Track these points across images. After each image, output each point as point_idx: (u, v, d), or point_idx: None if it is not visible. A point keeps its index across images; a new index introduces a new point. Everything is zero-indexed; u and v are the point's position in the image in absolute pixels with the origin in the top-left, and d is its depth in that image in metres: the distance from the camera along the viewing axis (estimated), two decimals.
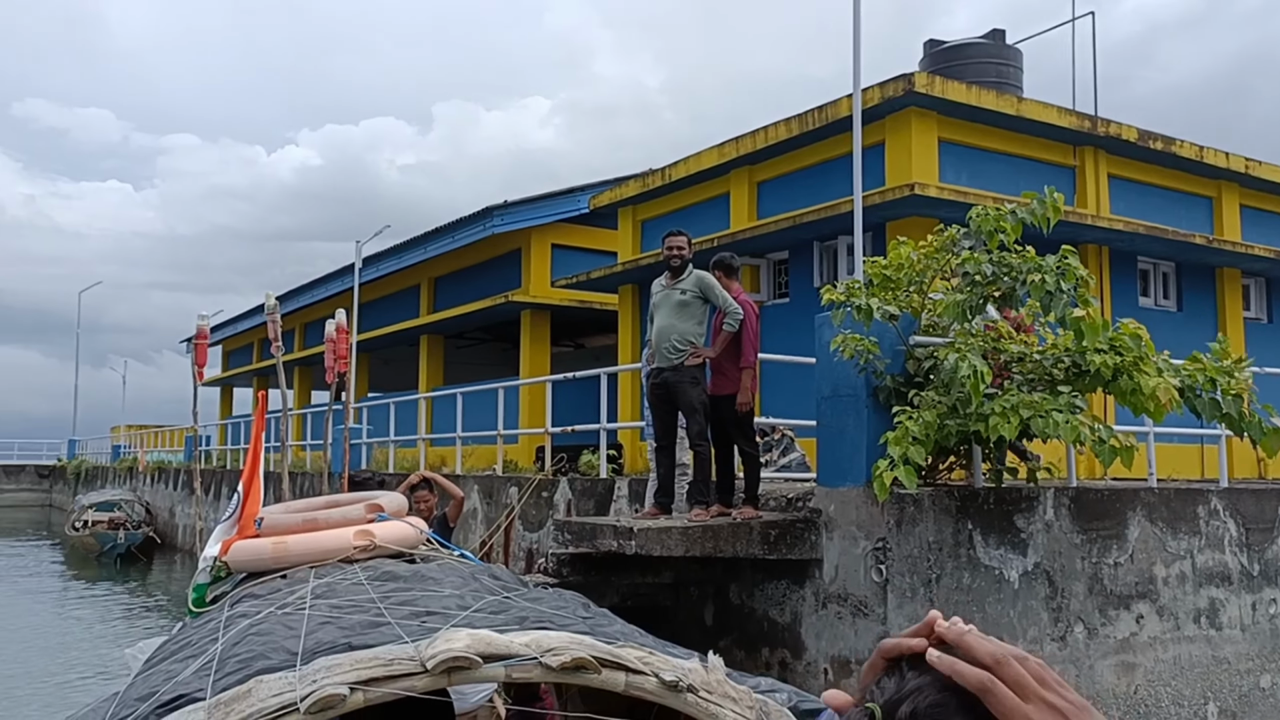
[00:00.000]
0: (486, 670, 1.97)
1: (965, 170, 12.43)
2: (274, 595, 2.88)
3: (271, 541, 3.50)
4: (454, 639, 1.97)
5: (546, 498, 10.64)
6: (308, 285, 27.53)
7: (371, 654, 1.96)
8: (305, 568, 3.29)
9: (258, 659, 2.08)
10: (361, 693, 1.85)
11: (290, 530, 3.60)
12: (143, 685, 2.33)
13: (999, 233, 6.48)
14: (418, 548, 3.59)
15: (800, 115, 13.06)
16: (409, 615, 2.37)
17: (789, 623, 6.82)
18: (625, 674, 2.09)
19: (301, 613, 2.43)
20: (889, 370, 6.37)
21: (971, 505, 6.28)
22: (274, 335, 6.75)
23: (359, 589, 2.74)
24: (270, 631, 2.32)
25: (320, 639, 2.18)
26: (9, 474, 46.86)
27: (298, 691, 1.81)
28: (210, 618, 3.01)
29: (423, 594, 2.66)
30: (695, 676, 2.16)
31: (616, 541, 6.44)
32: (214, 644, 2.36)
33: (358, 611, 2.40)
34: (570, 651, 2.03)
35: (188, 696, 1.97)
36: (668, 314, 6.99)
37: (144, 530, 26.27)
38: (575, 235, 20.10)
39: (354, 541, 3.37)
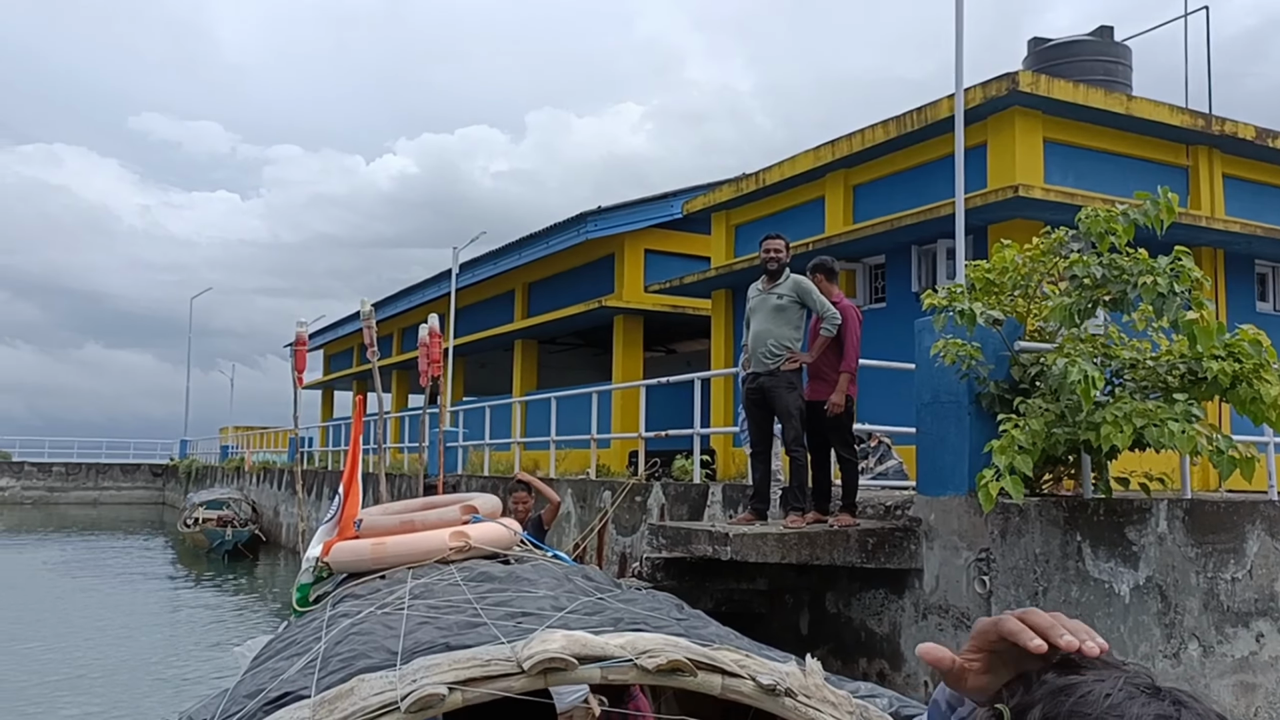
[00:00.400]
0: (582, 671, 1.96)
1: (1072, 171, 12.03)
2: (374, 595, 2.92)
3: (370, 543, 3.57)
4: (550, 640, 1.97)
5: (640, 502, 10.64)
6: (405, 291, 28.16)
7: (469, 654, 1.97)
8: (403, 568, 3.34)
9: (359, 658, 2.10)
10: (460, 693, 1.86)
11: (388, 532, 3.67)
12: (251, 682, 2.39)
13: (1110, 235, 6.24)
14: (512, 549, 3.61)
15: (898, 117, 12.83)
16: (504, 616, 2.37)
17: (887, 633, 6.67)
18: (721, 677, 2.06)
19: (400, 613, 2.46)
20: (992, 376, 6.18)
21: (1080, 516, 6.05)
22: (369, 340, 6.91)
23: (455, 590, 2.76)
24: (371, 631, 2.35)
25: (419, 639, 2.19)
26: (125, 472, 49.00)
27: (398, 691, 1.83)
28: (313, 617, 3.07)
29: (518, 595, 2.66)
30: (793, 680, 2.12)
31: (712, 547, 6.39)
32: (317, 643, 2.40)
33: (454, 612, 2.42)
34: (666, 653, 2.01)
35: (293, 694, 2.01)
36: (764, 318, 6.91)
37: (250, 528, 27.17)
38: (668, 240, 20.11)
39: (450, 543, 3.41)
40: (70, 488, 46.83)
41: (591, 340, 22.92)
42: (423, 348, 6.63)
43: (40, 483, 46.53)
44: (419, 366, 6.84)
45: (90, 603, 17.83)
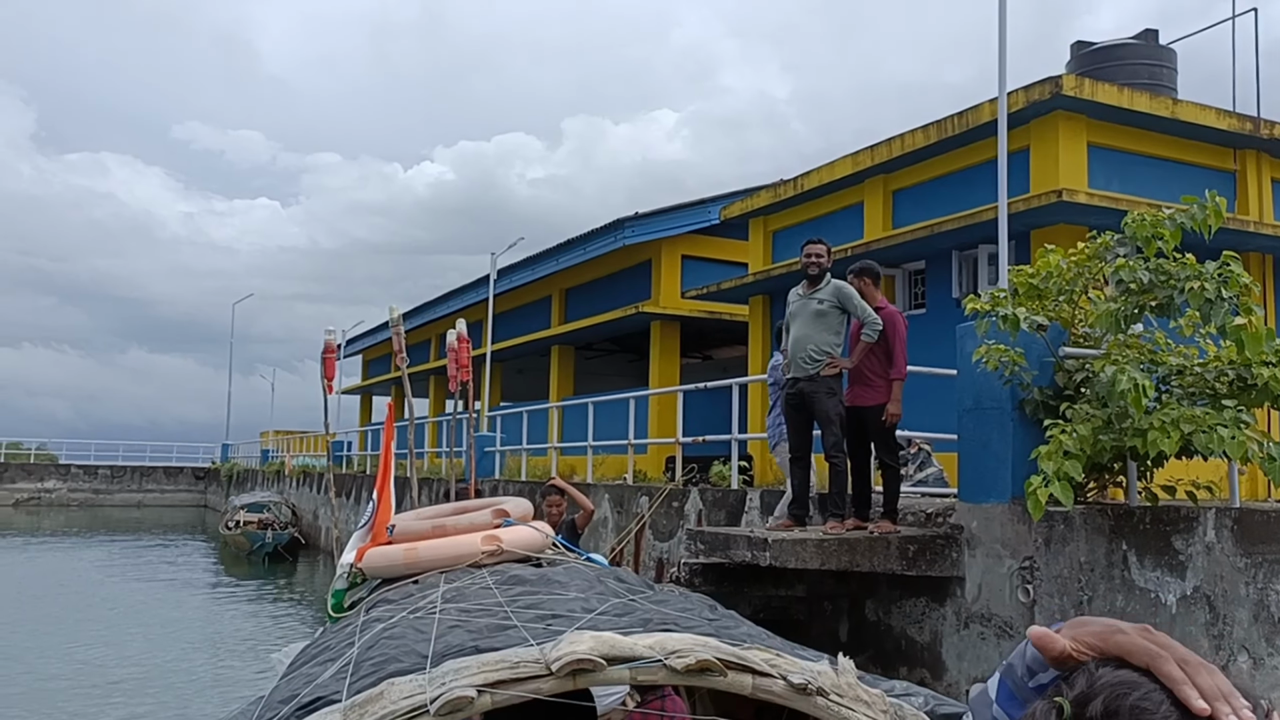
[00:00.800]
0: (611, 673, 1.95)
1: (1116, 176, 11.86)
2: (406, 600, 2.93)
3: (403, 548, 3.59)
4: (578, 641, 1.96)
5: (677, 507, 10.60)
6: (443, 297, 28.36)
7: (498, 656, 1.97)
8: (436, 573, 3.35)
9: (390, 662, 2.11)
10: (489, 695, 1.86)
11: (421, 536, 3.69)
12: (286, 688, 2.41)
13: (1156, 239, 6.12)
14: (544, 552, 3.61)
15: (939, 122, 12.72)
16: (534, 618, 2.37)
17: (928, 642, 6.58)
18: (752, 676, 2.03)
19: (432, 616, 2.47)
20: (1036, 382, 6.08)
21: (1126, 524, 5.93)
22: (398, 347, 6.94)
23: (487, 593, 2.76)
24: (402, 635, 2.36)
25: (449, 642, 2.20)
26: (169, 475, 49.75)
27: (428, 694, 1.83)
28: (347, 623, 3.10)
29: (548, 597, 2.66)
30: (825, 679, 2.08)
31: (750, 553, 6.34)
32: (350, 648, 2.42)
33: (485, 615, 2.42)
34: (695, 653, 1.99)
35: (325, 699, 2.02)
36: (804, 324, 6.86)
37: (290, 531, 27.46)
38: (705, 246, 20.08)
39: (481, 546, 3.42)
40: (115, 490, 47.63)
41: (628, 346, 22.93)
42: (451, 353, 6.64)
43: (86, 485, 47.37)
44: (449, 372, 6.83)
45: (135, 603, 18.10)
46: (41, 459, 50.13)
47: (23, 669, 12.30)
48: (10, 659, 12.76)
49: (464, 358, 6.70)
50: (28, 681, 11.66)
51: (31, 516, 40.83)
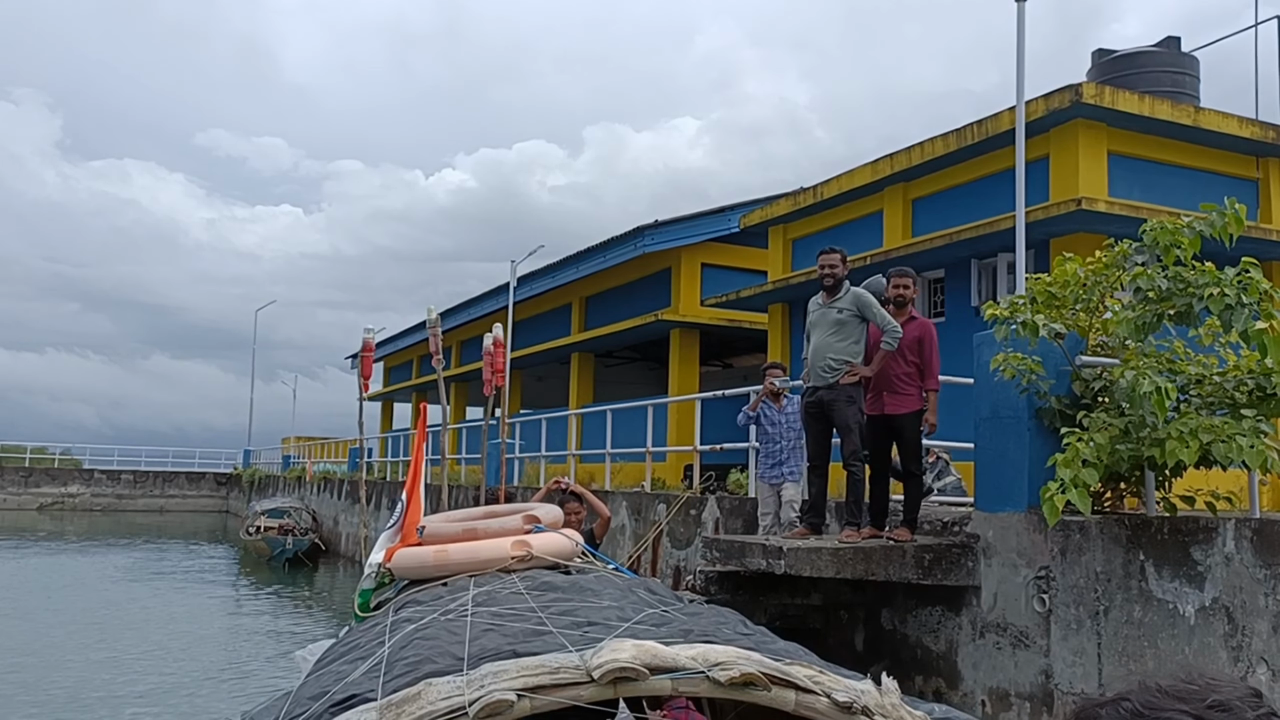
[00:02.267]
0: (653, 682, 1.93)
1: (1137, 184, 11.83)
2: (436, 602, 2.94)
3: (433, 550, 3.60)
4: (620, 649, 1.94)
5: (694, 515, 10.64)
6: (464, 304, 28.48)
7: (538, 661, 1.95)
8: (465, 576, 3.37)
9: (425, 662, 2.10)
10: (529, 700, 1.85)
11: (451, 539, 3.70)
12: (314, 685, 2.39)
13: (1175, 247, 6.13)
14: (573, 559, 3.63)
15: (958, 130, 12.73)
16: (570, 625, 2.35)
17: (944, 651, 6.60)
18: (795, 692, 2.00)
19: (464, 619, 2.46)
20: (1053, 391, 6.10)
21: (1144, 535, 5.93)
22: (435, 348, 6.98)
23: (519, 598, 2.76)
24: (435, 636, 2.35)
25: (484, 645, 2.19)
26: (191, 481, 50.08)
27: (466, 696, 1.82)
28: (376, 622, 3.10)
29: (582, 604, 2.65)
30: (870, 698, 2.06)
31: (766, 560, 6.38)
32: (381, 647, 2.41)
33: (519, 620, 2.41)
34: (739, 666, 1.96)
35: (360, 696, 2.02)
36: (824, 332, 6.90)
37: (310, 537, 27.59)
38: (725, 254, 20.11)
39: (511, 551, 3.43)
40: (138, 495, 47.99)
41: (648, 355, 22.98)
42: (487, 356, 6.69)
43: (109, 490, 47.76)
44: (484, 375, 6.88)
45: (157, 606, 18.27)
46: (65, 464, 50.60)
47: (48, 670, 12.46)
48: (37, 660, 12.93)
49: (499, 362, 6.75)
50: (54, 682, 11.81)
51: (55, 521, 41.21)
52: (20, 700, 10.96)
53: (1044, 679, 5.88)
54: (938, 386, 6.97)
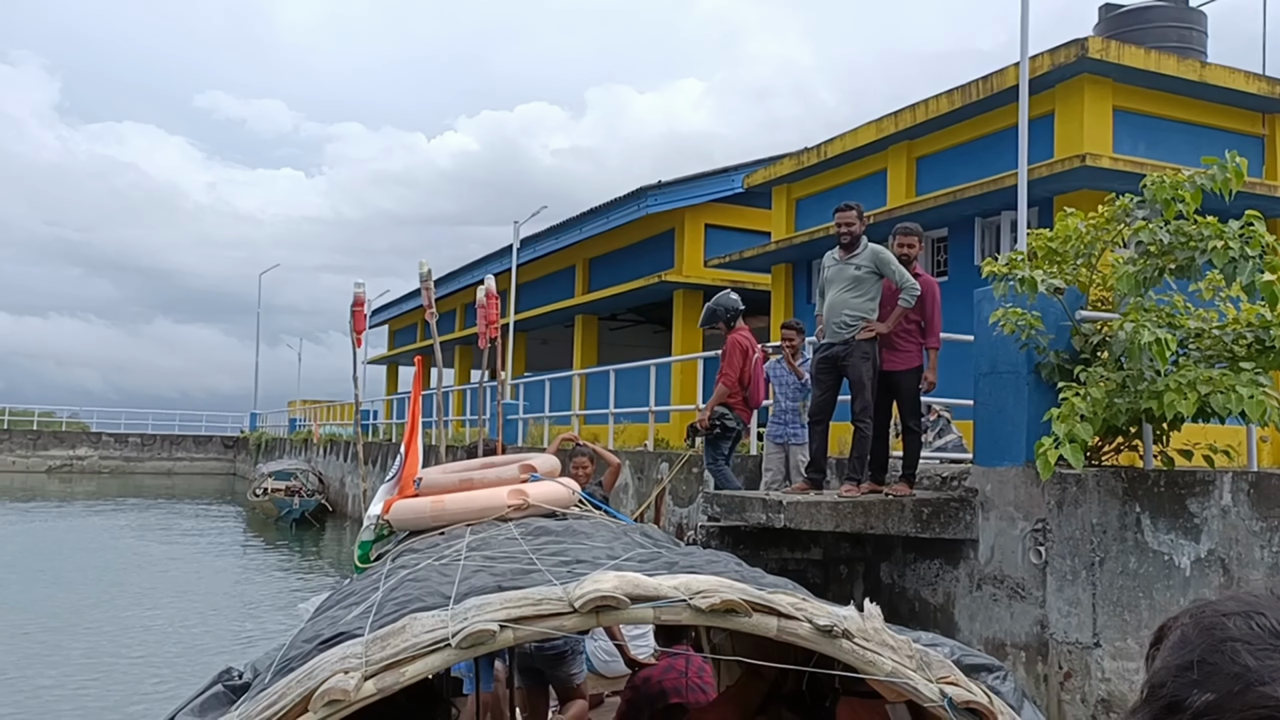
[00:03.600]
0: (634, 611, 1.96)
1: (1142, 140, 11.75)
2: (432, 550, 3.00)
3: (430, 501, 3.65)
4: (602, 580, 1.97)
5: (697, 474, 10.71)
6: (467, 267, 28.45)
7: (521, 594, 1.99)
8: (462, 525, 3.42)
9: (413, 602, 2.15)
10: (511, 630, 1.89)
11: (447, 490, 3.75)
12: (310, 630, 2.46)
13: (1176, 201, 6.11)
14: (570, 508, 3.67)
15: (963, 87, 12.62)
16: (559, 564, 2.39)
17: (941, 603, 6.67)
18: (777, 619, 2.03)
19: (456, 563, 2.51)
20: (1053, 346, 6.11)
21: (1140, 487, 5.97)
22: (428, 302, 6.96)
23: (512, 542, 2.81)
24: (426, 578, 2.40)
25: (473, 584, 2.23)
26: (198, 444, 50.44)
27: (449, 628, 1.87)
28: (373, 571, 3.16)
29: (573, 545, 2.69)
30: (851, 623, 2.09)
31: (765, 514, 6.44)
32: (375, 592, 2.47)
33: (509, 561, 2.46)
34: (720, 594, 1.99)
35: (348, 633, 2.07)
36: (840, 288, 6.85)
37: (317, 498, 27.84)
38: (729, 215, 20.04)
39: (508, 500, 3.47)
40: (146, 458, 48.36)
41: (653, 317, 22.97)
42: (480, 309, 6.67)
43: (117, 453, 48.12)
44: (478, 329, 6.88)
45: (166, 565, 18.50)
46: (73, 427, 50.98)
47: (60, 626, 12.67)
48: (49, 617, 13.14)
49: (492, 314, 6.73)
50: (72, 639, 12.02)
51: (64, 483, 41.58)
52: (41, 656, 11.17)
53: (1039, 629, 5.94)
54: (939, 344, 6.98)
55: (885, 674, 2.05)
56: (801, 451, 8.48)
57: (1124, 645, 5.80)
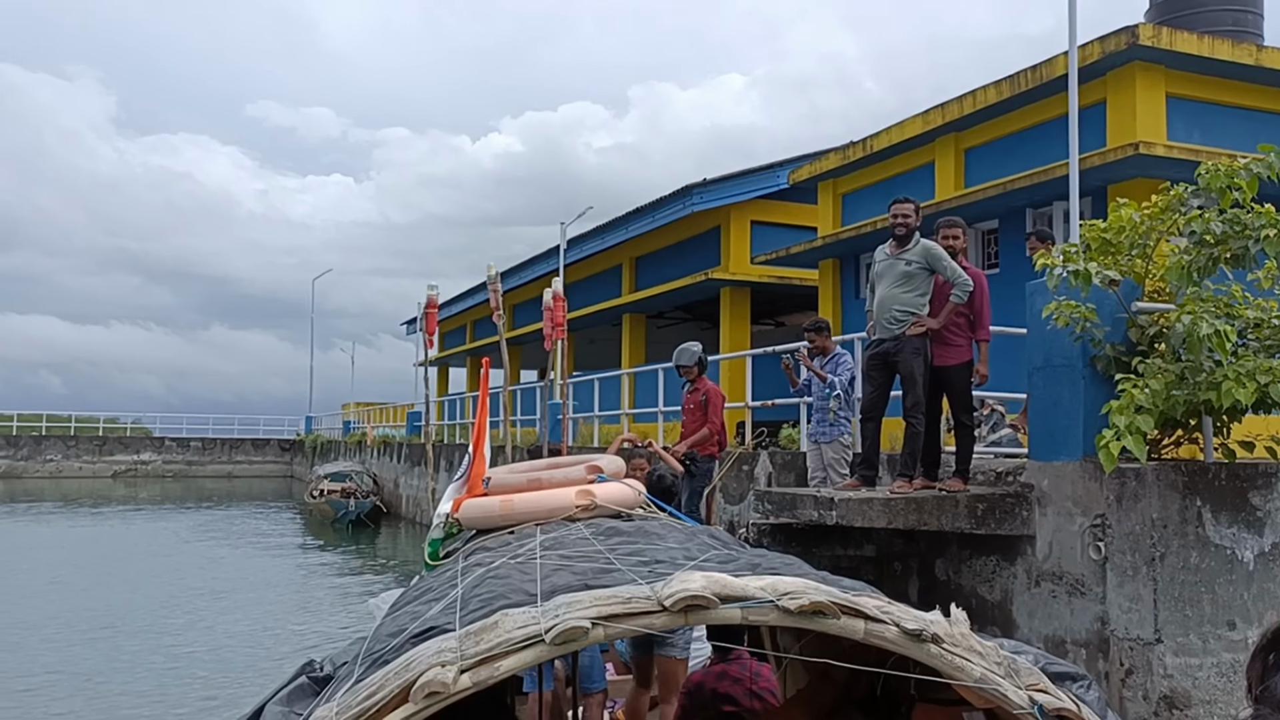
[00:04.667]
0: (723, 611, 1.97)
1: (1197, 127, 11.57)
2: (504, 548, 3.07)
3: (499, 500, 3.74)
4: (690, 580, 1.99)
5: (747, 471, 10.76)
6: (514, 268, 28.68)
7: (610, 592, 2.03)
8: (531, 525, 3.50)
9: (498, 599, 2.20)
10: (602, 628, 1.93)
11: (516, 489, 3.84)
12: (391, 624, 2.51)
13: (1232, 190, 6.04)
14: (636, 509, 3.74)
15: (1011, 77, 12.52)
16: (638, 564, 2.42)
17: (999, 600, 6.66)
18: (864, 621, 2.03)
19: (534, 561, 2.57)
20: (1108, 339, 6.07)
21: (1200, 480, 5.92)
22: (495, 304, 7.09)
23: (585, 542, 2.85)
24: (507, 576, 2.46)
25: (555, 582, 2.27)
26: (256, 447, 51.43)
27: (542, 625, 1.91)
28: (446, 569, 3.24)
29: (648, 546, 2.73)
30: (939, 627, 2.09)
31: (817, 512, 6.47)
32: (454, 588, 2.54)
33: (587, 561, 2.50)
34: (809, 595, 2.00)
35: (438, 628, 2.12)
36: (890, 283, 6.85)
37: (372, 499, 28.25)
38: (774, 211, 20.02)
39: (576, 500, 3.54)
40: (206, 461, 49.44)
41: (700, 314, 23.00)
42: (547, 312, 6.79)
43: (179, 457, 49.25)
44: (544, 330, 7.00)
45: (231, 567, 18.95)
46: (137, 432, 52.25)
47: (136, 623, 13.10)
48: (124, 614, 13.59)
49: (559, 316, 6.84)
50: (142, 635, 12.43)
51: (129, 487, 42.63)
52: (121, 656, 11.56)
53: (1100, 626, 5.92)
54: (989, 337, 6.96)
55: (974, 680, 2.03)
56: (831, 449, 8.54)
57: (1186, 641, 5.76)
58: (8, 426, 49.23)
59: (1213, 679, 5.78)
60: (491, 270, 6.77)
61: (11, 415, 50.63)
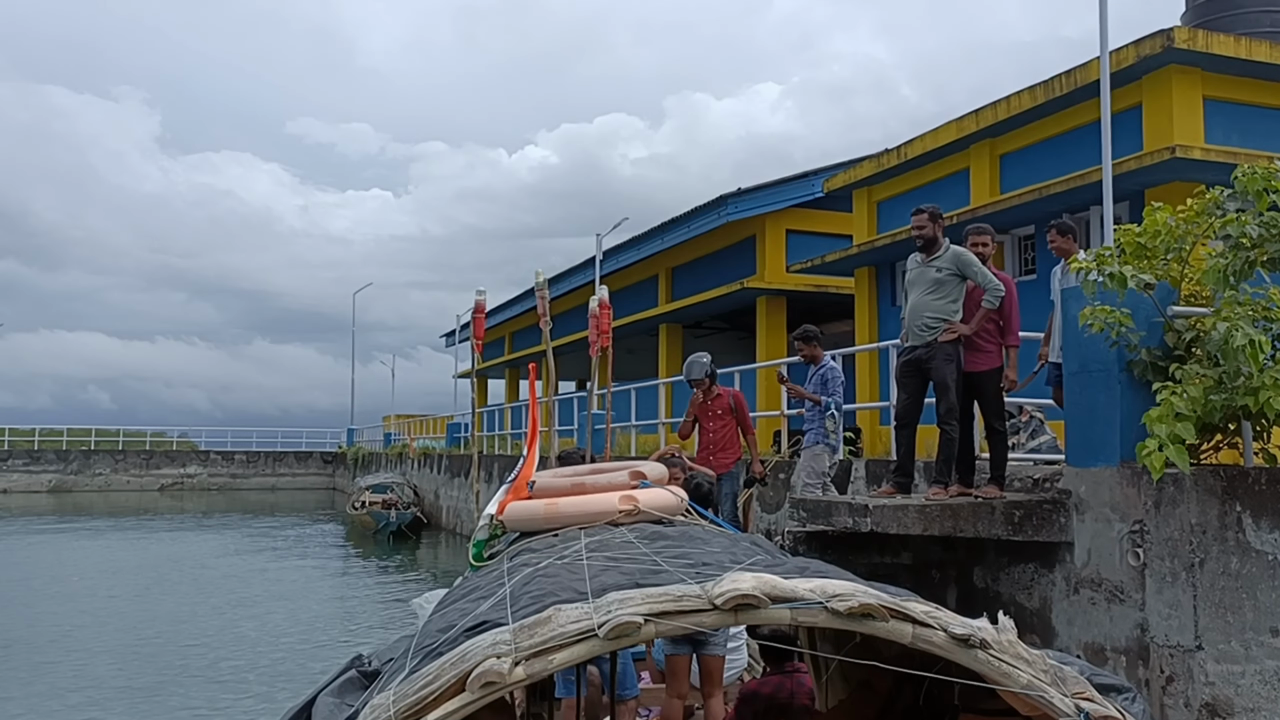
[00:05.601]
0: (773, 611, 2.00)
1: (1235, 129, 11.48)
2: (550, 549, 3.14)
3: (544, 503, 3.82)
4: (740, 580, 2.03)
5: (783, 479, 10.79)
6: (551, 280, 28.77)
7: (661, 590, 2.06)
8: (575, 528, 3.58)
9: (549, 595, 2.25)
10: (654, 625, 1.96)
11: (560, 493, 3.92)
12: (441, 620, 2.57)
13: (1270, 192, 6.03)
14: (677, 515, 3.81)
15: (1045, 82, 12.49)
16: (685, 565, 2.45)
17: (1038, 608, 6.66)
18: (912, 625, 2.04)
19: (581, 561, 2.63)
20: (1144, 343, 6.07)
21: (1240, 486, 5.89)
22: (542, 310, 7.18)
23: (630, 545, 2.91)
24: (556, 574, 2.52)
25: (604, 581, 2.32)
26: (299, 460, 52.11)
27: (594, 620, 1.96)
28: (493, 568, 3.30)
29: (693, 550, 2.76)
30: (987, 633, 2.09)
31: (852, 519, 6.51)
32: (502, 587, 2.58)
33: (634, 562, 2.55)
34: (857, 598, 2.02)
35: (491, 623, 2.17)
36: (922, 290, 6.89)
37: (412, 510, 28.51)
38: (810, 220, 20.04)
39: (619, 505, 3.60)
40: (251, 474, 50.15)
41: (737, 324, 23.05)
42: (593, 319, 6.87)
43: (224, 470, 50.02)
44: (589, 338, 7.09)
45: (276, 575, 19.30)
46: (183, 446, 53.14)
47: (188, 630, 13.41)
48: (176, 622, 13.93)
49: (605, 324, 6.92)
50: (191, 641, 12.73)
51: (175, 500, 43.36)
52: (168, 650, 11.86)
53: (1140, 632, 5.92)
54: (1018, 343, 6.98)
55: (1021, 686, 2.04)
56: (808, 455, 8.79)
57: (1228, 648, 5.73)
58: (58, 441, 50.26)
59: (1256, 686, 5.75)
60: (540, 277, 6.86)
61: (62, 430, 51.70)
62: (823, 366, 8.91)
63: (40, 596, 16.69)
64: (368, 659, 2.81)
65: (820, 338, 9.14)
